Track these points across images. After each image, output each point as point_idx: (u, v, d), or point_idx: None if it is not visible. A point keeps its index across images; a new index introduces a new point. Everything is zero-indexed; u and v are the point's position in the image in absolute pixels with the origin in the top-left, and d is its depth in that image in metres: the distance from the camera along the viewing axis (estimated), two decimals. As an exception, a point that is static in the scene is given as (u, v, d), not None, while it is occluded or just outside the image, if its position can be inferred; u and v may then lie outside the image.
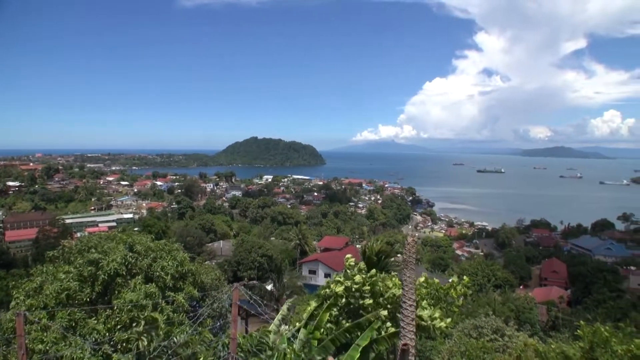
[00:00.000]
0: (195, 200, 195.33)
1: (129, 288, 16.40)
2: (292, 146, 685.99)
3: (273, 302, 45.61)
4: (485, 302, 51.70)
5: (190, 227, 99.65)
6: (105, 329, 14.59)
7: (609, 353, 9.43)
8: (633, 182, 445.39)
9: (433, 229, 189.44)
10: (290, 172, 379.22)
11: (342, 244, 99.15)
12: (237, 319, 17.62)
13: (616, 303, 69.20)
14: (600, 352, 9.49)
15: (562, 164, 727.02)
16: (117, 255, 17.10)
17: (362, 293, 10.71)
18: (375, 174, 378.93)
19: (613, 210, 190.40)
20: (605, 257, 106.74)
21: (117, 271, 16.69)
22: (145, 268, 17.77)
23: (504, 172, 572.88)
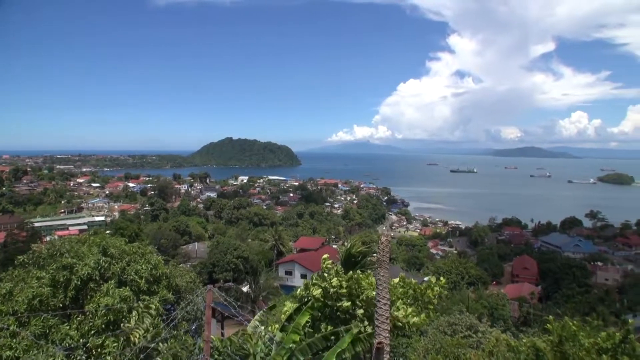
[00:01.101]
0: (169, 201, 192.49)
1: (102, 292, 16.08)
2: (267, 147, 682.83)
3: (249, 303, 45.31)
4: (459, 299, 52.59)
5: (164, 230, 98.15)
6: (78, 334, 14.27)
7: (577, 346, 9.83)
8: (599, 180, 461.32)
9: (408, 228, 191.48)
10: (266, 173, 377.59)
11: (318, 244, 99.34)
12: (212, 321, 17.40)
13: (584, 298, 71.41)
14: (569, 346, 9.88)
15: (532, 164, 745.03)
16: (90, 260, 16.75)
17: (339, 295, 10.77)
18: (351, 175, 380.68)
19: (581, 208, 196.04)
20: (574, 254, 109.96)
21: (91, 276, 16.35)
22: (118, 272, 17.45)
23: (477, 172, 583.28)
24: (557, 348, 9.99)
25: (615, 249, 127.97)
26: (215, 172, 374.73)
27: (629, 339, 9.89)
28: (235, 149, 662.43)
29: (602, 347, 9.76)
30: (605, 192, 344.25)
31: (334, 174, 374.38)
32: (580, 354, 9.57)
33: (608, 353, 9.60)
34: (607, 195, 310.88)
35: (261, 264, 79.21)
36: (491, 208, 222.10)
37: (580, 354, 9.57)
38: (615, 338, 9.96)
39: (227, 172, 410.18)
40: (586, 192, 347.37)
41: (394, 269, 65.40)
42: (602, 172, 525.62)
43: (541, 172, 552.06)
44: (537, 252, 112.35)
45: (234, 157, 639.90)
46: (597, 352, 9.62)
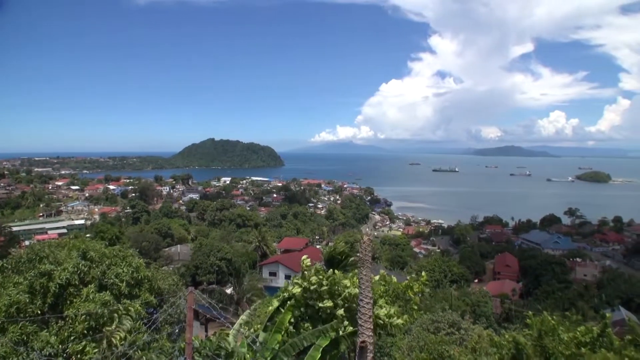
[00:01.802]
0: (151, 204, 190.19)
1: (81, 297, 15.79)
2: (250, 147, 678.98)
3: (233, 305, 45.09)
4: (442, 297, 53.09)
5: (145, 232, 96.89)
6: (58, 340, 14.00)
7: (557, 340, 10.06)
8: (577, 178, 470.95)
9: (391, 227, 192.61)
10: (249, 174, 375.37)
11: (302, 244, 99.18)
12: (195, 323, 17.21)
13: (564, 293, 72.70)
14: (549, 340, 10.10)
15: (512, 163, 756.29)
16: (68, 264, 16.42)
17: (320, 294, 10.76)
18: (334, 175, 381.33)
19: (560, 206, 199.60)
20: (553, 250, 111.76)
21: (69, 281, 16.04)
22: (98, 276, 17.16)
23: (458, 171, 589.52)
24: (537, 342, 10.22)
25: (593, 245, 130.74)
26: (197, 174, 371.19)
27: (607, 332, 10.14)
28: (218, 150, 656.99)
29: (581, 341, 10.01)
30: (583, 190, 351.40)
31: (318, 175, 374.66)
32: (560, 347, 9.79)
33: (587, 346, 9.83)
34: (585, 193, 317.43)
35: (245, 265, 78.74)
36: (473, 207, 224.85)
37: (560, 347, 9.79)
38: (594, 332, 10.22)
39: (209, 173, 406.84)
40: (565, 190, 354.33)
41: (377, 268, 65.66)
42: (580, 170, 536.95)
43: (521, 171, 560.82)
44: (517, 250, 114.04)
45: (216, 158, 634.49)
46: (576, 345, 9.85)
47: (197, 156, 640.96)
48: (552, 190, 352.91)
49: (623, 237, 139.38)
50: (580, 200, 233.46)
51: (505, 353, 10.57)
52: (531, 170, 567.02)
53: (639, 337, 9.76)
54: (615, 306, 66.03)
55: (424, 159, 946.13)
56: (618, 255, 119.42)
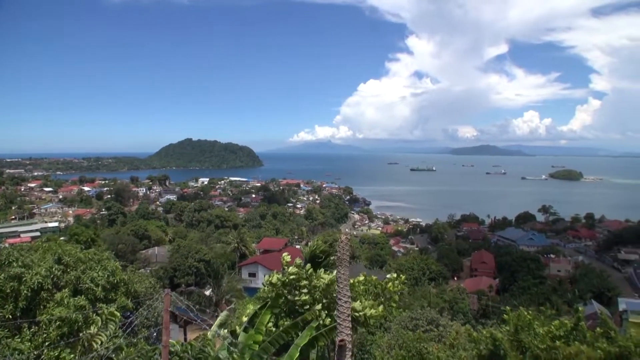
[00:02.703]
0: (127, 205, 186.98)
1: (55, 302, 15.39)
2: (228, 148, 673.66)
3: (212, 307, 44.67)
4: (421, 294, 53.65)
5: (122, 234, 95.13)
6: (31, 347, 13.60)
7: (532, 334, 10.31)
8: (551, 177, 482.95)
9: (370, 226, 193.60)
10: (227, 174, 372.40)
11: (282, 245, 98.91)
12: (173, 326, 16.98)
13: (539, 289, 74.23)
14: (524, 334, 10.35)
15: (488, 162, 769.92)
16: (41, 268, 15.97)
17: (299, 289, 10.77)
18: (313, 175, 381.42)
19: (534, 204, 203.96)
20: (528, 247, 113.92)
21: (42, 285, 15.60)
22: (73, 280, 16.76)
23: (436, 170, 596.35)
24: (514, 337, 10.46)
25: (566, 242, 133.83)
26: (174, 175, 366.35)
27: (580, 326, 10.43)
28: (195, 151, 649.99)
29: (556, 335, 10.28)
30: (556, 188, 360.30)
31: (296, 174, 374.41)
32: (535, 341, 10.03)
33: (561, 339, 10.10)
34: (558, 191, 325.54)
35: (224, 266, 78.02)
36: (450, 205, 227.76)
37: (535, 341, 10.03)
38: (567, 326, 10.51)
39: (187, 174, 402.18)
40: (539, 188, 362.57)
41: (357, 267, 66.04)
42: (553, 168, 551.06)
43: (496, 170, 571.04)
44: (494, 247, 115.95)
45: (193, 158, 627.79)
46: (550, 339, 10.11)
47: (175, 157, 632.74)
48: (527, 188, 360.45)
49: (595, 233, 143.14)
50: (554, 197, 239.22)
51: (482, 348, 10.77)
52: (506, 169, 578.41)
53: (610, 330, 10.07)
54: (588, 300, 67.91)
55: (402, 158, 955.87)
56: (590, 251, 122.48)
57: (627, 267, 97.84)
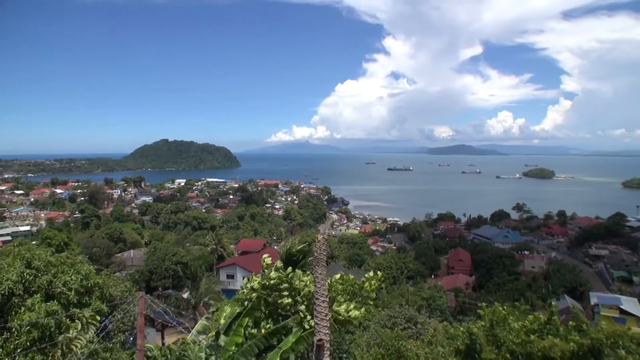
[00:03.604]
0: (101, 208, 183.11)
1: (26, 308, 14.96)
2: (205, 148, 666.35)
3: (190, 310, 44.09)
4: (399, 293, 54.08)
5: (96, 237, 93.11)
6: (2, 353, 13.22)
7: (507, 329, 10.53)
8: (524, 175, 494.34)
9: (348, 226, 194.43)
10: (204, 175, 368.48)
11: (260, 246, 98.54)
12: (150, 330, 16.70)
13: (514, 285, 75.81)
14: (500, 330, 10.56)
15: (464, 161, 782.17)
16: (11, 274, 15.50)
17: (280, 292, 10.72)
18: (291, 175, 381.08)
19: (508, 202, 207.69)
20: (503, 244, 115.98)
21: (13, 290, 15.14)
22: (45, 285, 16.31)
23: (413, 169, 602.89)
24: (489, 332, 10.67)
25: (540, 238, 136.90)
26: (150, 176, 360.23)
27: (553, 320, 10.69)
28: (172, 151, 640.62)
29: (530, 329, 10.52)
30: (529, 186, 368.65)
31: (274, 175, 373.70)
32: (510, 336, 10.25)
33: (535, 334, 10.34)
34: (532, 189, 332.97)
35: (201, 268, 77.07)
36: (427, 204, 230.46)
37: (510, 336, 10.25)
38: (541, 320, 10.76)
39: (163, 175, 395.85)
40: (513, 186, 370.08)
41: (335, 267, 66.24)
42: (527, 167, 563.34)
43: (472, 169, 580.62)
44: (470, 245, 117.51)
45: (170, 159, 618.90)
46: (525, 333, 10.34)
47: (150, 157, 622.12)
48: (501, 186, 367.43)
49: (567, 229, 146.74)
50: (527, 195, 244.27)
51: (459, 344, 10.94)
52: (481, 168, 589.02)
53: (582, 323, 10.35)
54: (561, 295, 69.69)
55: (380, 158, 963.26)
56: (562, 247, 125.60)
57: (598, 262, 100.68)
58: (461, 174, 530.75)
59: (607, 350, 9.56)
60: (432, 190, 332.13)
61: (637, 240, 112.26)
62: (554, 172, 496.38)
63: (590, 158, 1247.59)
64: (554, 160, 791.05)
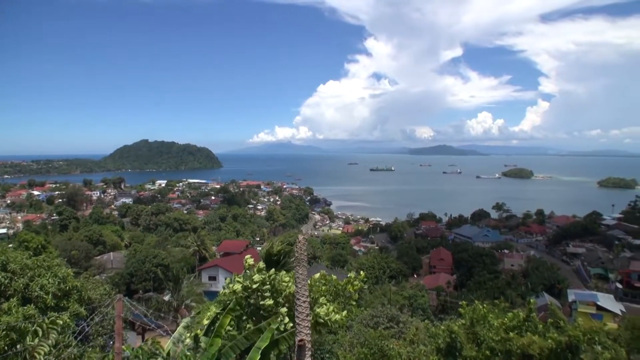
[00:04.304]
0: (80, 210, 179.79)
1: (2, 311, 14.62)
2: (186, 149, 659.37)
3: (172, 312, 43.60)
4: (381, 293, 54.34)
5: (74, 240, 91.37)
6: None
7: (487, 327, 10.71)
8: (503, 175, 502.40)
9: (331, 226, 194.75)
10: (186, 176, 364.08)
11: (242, 247, 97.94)
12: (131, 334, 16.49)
13: (494, 283, 76.88)
14: (480, 327, 10.73)
15: (445, 161, 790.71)
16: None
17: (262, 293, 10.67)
18: (274, 175, 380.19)
19: (488, 201, 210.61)
20: (484, 243, 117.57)
21: (-12, 294, 14.80)
22: (21, 288, 15.97)
23: (394, 170, 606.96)
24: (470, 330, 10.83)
25: (519, 237, 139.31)
26: (130, 177, 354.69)
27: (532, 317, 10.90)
28: (152, 152, 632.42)
29: (509, 326, 10.71)
30: (508, 186, 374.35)
31: (257, 176, 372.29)
32: (490, 333, 10.42)
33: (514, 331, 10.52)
34: (511, 189, 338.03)
35: (183, 270, 76.37)
36: (409, 204, 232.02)
37: (490, 333, 10.42)
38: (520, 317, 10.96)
39: (143, 176, 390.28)
40: (492, 186, 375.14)
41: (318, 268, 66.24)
42: (506, 167, 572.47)
43: (452, 169, 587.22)
44: (451, 244, 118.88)
45: (150, 160, 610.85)
46: (504, 330, 10.52)
47: (130, 158, 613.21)
48: (481, 186, 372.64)
49: (545, 228, 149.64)
50: (507, 195, 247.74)
51: (440, 342, 11.07)
52: (462, 168, 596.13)
53: (559, 320, 10.57)
54: (540, 292, 70.94)
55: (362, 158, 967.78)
56: (541, 245, 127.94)
57: (575, 260, 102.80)
58: (442, 174, 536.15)
59: (584, 346, 9.79)
60: (414, 190, 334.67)
61: (613, 238, 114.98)
62: (532, 172, 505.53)
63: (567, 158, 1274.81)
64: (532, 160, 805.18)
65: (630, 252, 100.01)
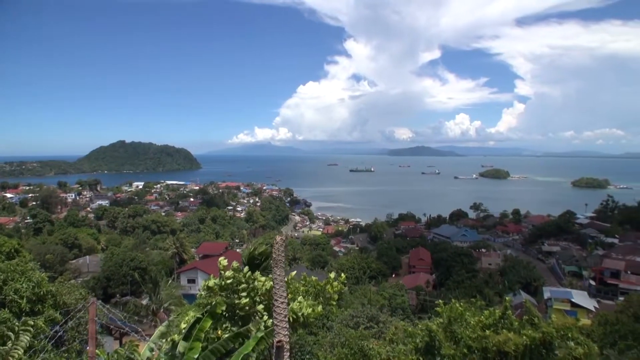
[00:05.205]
0: (54, 212, 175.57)
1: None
2: (164, 150, 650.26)
3: (150, 316, 43.02)
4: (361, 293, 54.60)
5: (49, 244, 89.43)
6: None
7: (464, 325, 10.93)
8: (481, 176, 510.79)
9: (311, 227, 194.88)
10: (164, 178, 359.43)
11: (222, 249, 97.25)
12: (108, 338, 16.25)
13: (472, 282, 78.04)
14: (457, 326, 10.94)
15: (423, 162, 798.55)
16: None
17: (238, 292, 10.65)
18: (253, 177, 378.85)
19: (466, 201, 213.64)
20: (462, 243, 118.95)
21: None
22: (-7, 293, 15.59)
23: (374, 171, 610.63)
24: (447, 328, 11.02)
25: (496, 236, 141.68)
26: (106, 179, 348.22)
27: (507, 314, 11.14)
28: (129, 153, 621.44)
29: (486, 324, 10.93)
30: (485, 186, 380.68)
31: (236, 177, 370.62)
32: (467, 331, 10.64)
33: (490, 328, 10.75)
34: (488, 189, 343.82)
35: (161, 273, 75.47)
36: (388, 204, 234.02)
37: (467, 331, 10.64)
38: (496, 315, 11.20)
39: (120, 178, 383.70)
40: (470, 186, 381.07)
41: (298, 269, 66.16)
42: (483, 168, 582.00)
43: (431, 170, 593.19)
44: (430, 244, 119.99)
45: (127, 161, 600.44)
46: (481, 328, 10.74)
47: (106, 160, 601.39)
48: (459, 187, 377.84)
49: (521, 227, 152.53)
50: (484, 195, 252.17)
51: (419, 341, 11.23)
52: (440, 169, 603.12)
53: (534, 317, 10.83)
54: (517, 290, 72.38)
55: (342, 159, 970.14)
56: (517, 244, 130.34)
57: (550, 258, 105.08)
58: (421, 175, 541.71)
59: (557, 342, 10.07)
60: (393, 191, 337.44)
61: (586, 236, 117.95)
62: (508, 172, 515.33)
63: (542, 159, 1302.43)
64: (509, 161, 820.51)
65: (602, 249, 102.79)
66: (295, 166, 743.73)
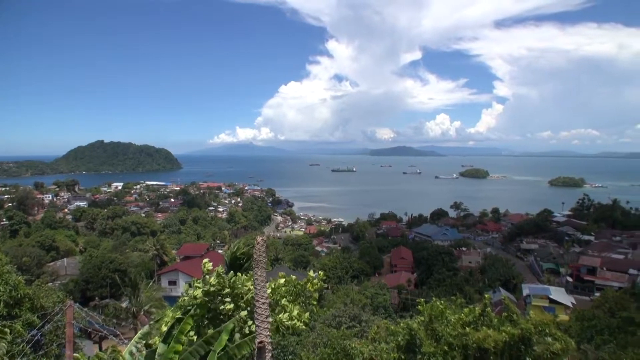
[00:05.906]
0: (31, 214, 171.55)
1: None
2: (144, 150, 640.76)
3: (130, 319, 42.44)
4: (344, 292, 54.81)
5: (25, 246, 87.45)
6: None
7: (445, 322, 11.10)
8: (461, 175, 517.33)
9: (293, 228, 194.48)
10: (144, 178, 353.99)
11: (203, 250, 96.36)
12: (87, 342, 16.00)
13: (453, 280, 78.90)
14: (438, 323, 11.11)
15: (405, 162, 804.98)
16: None
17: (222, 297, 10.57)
18: (235, 177, 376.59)
19: (447, 201, 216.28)
20: (443, 242, 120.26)
21: None
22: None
23: (356, 170, 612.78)
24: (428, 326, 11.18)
25: (476, 235, 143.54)
26: (84, 179, 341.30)
27: (487, 312, 11.35)
28: (108, 153, 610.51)
29: (466, 321, 11.12)
30: (466, 185, 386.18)
31: (217, 177, 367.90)
32: (448, 329, 10.81)
33: (470, 325, 10.95)
34: (468, 188, 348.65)
35: (141, 275, 74.45)
36: (370, 204, 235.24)
37: (448, 329, 10.81)
38: (476, 312, 11.39)
39: (98, 178, 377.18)
40: (450, 186, 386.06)
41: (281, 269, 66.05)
42: (463, 167, 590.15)
43: (412, 170, 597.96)
44: (411, 243, 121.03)
45: (106, 162, 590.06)
46: (461, 326, 10.93)
47: (84, 160, 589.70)
48: (440, 186, 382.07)
49: (500, 226, 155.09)
50: (464, 194, 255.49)
51: (401, 339, 11.36)
52: (421, 168, 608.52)
53: (512, 314, 11.05)
54: (496, 288, 73.58)
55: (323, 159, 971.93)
56: (497, 242, 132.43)
57: (529, 255, 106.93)
58: (402, 175, 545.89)
59: (535, 338, 10.31)
60: (375, 191, 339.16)
61: (563, 234, 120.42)
62: (488, 172, 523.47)
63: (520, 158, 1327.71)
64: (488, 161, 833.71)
65: (579, 247, 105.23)
66: (278, 166, 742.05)
